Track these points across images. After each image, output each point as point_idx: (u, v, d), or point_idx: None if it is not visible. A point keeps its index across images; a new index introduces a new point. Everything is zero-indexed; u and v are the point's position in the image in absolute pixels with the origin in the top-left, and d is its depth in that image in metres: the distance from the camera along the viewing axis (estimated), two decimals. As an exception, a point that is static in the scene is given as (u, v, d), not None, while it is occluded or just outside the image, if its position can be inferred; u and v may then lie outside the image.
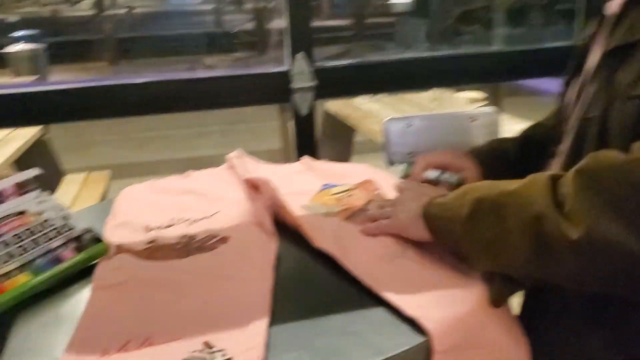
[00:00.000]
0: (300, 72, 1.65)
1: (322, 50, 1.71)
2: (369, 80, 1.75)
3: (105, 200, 1.11)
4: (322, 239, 0.85)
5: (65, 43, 9.86)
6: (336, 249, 0.83)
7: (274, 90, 1.70)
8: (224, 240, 0.90)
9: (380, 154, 1.71)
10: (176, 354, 0.65)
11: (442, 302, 0.72)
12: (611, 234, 0.60)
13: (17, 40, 8.24)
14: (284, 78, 1.65)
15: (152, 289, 0.78)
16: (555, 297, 0.82)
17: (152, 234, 0.95)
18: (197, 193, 1.10)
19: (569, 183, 0.64)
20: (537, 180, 0.68)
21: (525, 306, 0.89)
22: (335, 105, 3.48)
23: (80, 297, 0.80)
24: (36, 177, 0.92)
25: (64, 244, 0.88)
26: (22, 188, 0.90)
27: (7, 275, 0.81)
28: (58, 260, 0.85)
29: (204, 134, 5.67)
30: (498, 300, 0.72)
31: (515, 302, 0.81)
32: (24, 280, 0.81)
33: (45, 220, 0.89)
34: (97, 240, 0.90)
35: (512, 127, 2.57)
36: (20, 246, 0.85)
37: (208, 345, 0.66)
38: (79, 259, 0.87)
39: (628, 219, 0.60)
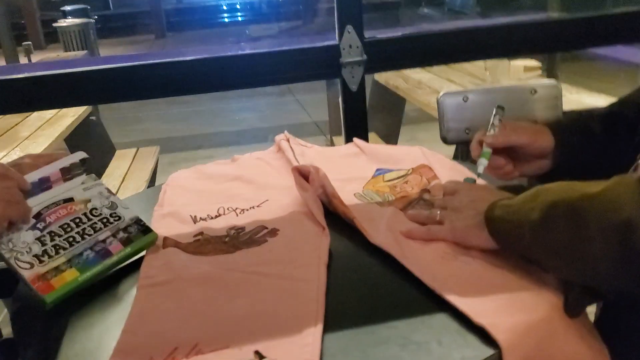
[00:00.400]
0: (349, 46, 1.57)
1: (369, 17, 1.61)
2: (420, 53, 1.66)
3: (154, 187, 1.08)
4: (378, 234, 0.80)
5: (112, 16, 9.96)
6: (393, 245, 0.77)
7: (323, 65, 1.63)
8: (273, 232, 0.86)
9: (431, 125, 1.63)
10: (226, 364, 0.61)
11: (513, 308, 0.65)
12: None
13: (67, 14, 8.37)
14: (332, 52, 1.58)
15: (200, 289, 0.74)
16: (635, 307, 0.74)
17: (200, 225, 0.91)
18: (245, 180, 1.05)
19: None
20: (625, 182, 0.60)
21: (601, 315, 0.81)
22: (385, 76, 3.38)
23: (128, 294, 0.77)
24: (82, 161, 0.87)
25: (111, 235, 0.84)
26: (68, 173, 0.85)
27: (55, 270, 0.78)
28: (106, 254, 0.82)
29: (250, 108, 5.65)
30: (575, 310, 0.65)
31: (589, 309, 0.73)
32: (72, 277, 0.78)
33: (92, 210, 0.85)
34: (145, 230, 0.87)
35: (571, 97, 2.43)
36: (67, 238, 0.81)
37: (259, 356, 0.62)
38: (127, 252, 0.83)
39: None
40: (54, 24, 7.85)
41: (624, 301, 0.75)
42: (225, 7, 12.10)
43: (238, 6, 12.18)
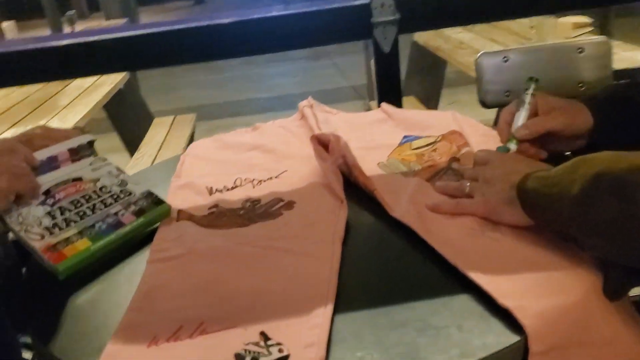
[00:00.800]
0: (381, 5, 1.49)
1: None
2: (458, 11, 1.56)
3: (174, 157, 1.05)
4: (400, 207, 0.74)
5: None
6: (415, 219, 0.71)
7: (354, 25, 1.55)
8: (289, 205, 0.81)
9: (474, 87, 1.55)
10: (230, 345, 0.57)
11: (543, 289, 0.59)
12: None
13: (108, -18, 8.38)
14: (364, 12, 1.50)
15: (210, 264, 0.71)
16: None
17: (215, 197, 0.87)
18: (265, 149, 1.01)
19: None
20: None
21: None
22: (424, 36, 3.25)
23: (138, 269, 0.74)
24: (89, 143, 0.87)
25: (123, 208, 0.82)
26: (75, 154, 0.85)
27: (67, 241, 0.76)
28: (118, 225, 0.80)
29: (286, 72, 5.59)
30: (616, 292, 0.58)
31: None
32: (84, 246, 0.76)
33: (102, 188, 0.83)
34: (158, 202, 0.84)
35: (624, 55, 2.28)
36: (77, 212, 0.80)
37: (264, 337, 0.58)
38: (140, 222, 0.81)
39: None
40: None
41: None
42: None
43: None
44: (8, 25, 7.63)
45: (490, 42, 2.81)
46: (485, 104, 1.47)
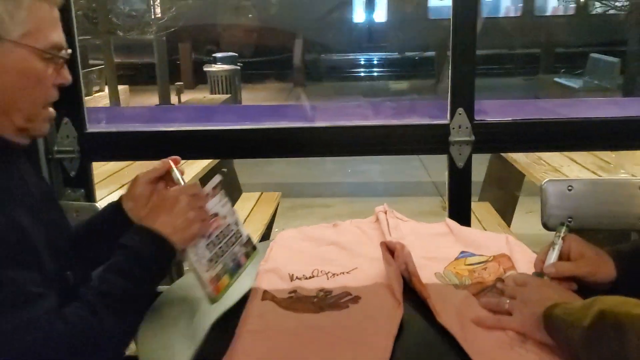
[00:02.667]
0: (459, 126, 1.67)
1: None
2: (530, 139, 1.72)
3: (264, 242, 1.25)
4: (446, 315, 0.89)
5: (257, 63, 10.73)
6: (458, 327, 0.86)
7: (432, 141, 1.74)
8: (355, 300, 0.98)
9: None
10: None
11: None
12: None
13: (217, 60, 9.15)
14: (443, 130, 1.69)
15: (286, 341, 0.88)
16: None
17: (295, 284, 1.05)
18: (341, 246, 1.19)
19: None
20: None
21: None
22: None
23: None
24: (220, 182, 1.01)
25: (239, 248, 1.00)
26: (214, 192, 0.99)
27: (218, 275, 0.94)
28: (239, 265, 0.99)
29: (372, 160, 5.78)
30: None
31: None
32: (227, 282, 0.95)
33: (228, 225, 1.00)
34: (254, 247, 1.03)
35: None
36: (220, 247, 0.96)
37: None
38: (247, 265, 1.00)
39: None
40: (205, 68, 8.63)
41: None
42: (362, 62, 12.59)
43: (375, 61, 12.61)
44: (122, 89, 8.43)
45: (568, 160, 2.91)
46: (547, 227, 1.59)
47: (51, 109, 0.94)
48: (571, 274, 0.95)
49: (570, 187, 1.59)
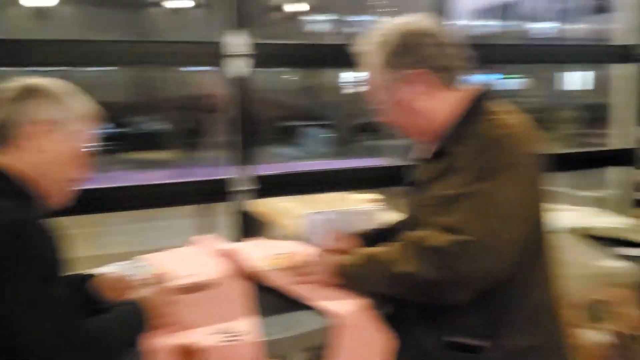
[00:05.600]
0: (242, 179, 2.31)
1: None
2: (299, 184, 2.47)
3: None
4: (272, 282, 1.50)
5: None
6: (288, 288, 1.47)
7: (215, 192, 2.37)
8: (216, 286, 1.51)
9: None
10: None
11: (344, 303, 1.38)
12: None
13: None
14: (223, 184, 2.32)
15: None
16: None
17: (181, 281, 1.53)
18: (187, 263, 1.70)
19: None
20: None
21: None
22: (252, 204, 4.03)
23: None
24: None
25: None
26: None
27: None
28: None
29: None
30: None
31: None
32: None
33: None
34: None
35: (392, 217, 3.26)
36: None
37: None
38: None
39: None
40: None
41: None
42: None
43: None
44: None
45: (306, 208, 3.70)
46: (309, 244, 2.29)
47: None
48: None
49: (327, 217, 2.31)
